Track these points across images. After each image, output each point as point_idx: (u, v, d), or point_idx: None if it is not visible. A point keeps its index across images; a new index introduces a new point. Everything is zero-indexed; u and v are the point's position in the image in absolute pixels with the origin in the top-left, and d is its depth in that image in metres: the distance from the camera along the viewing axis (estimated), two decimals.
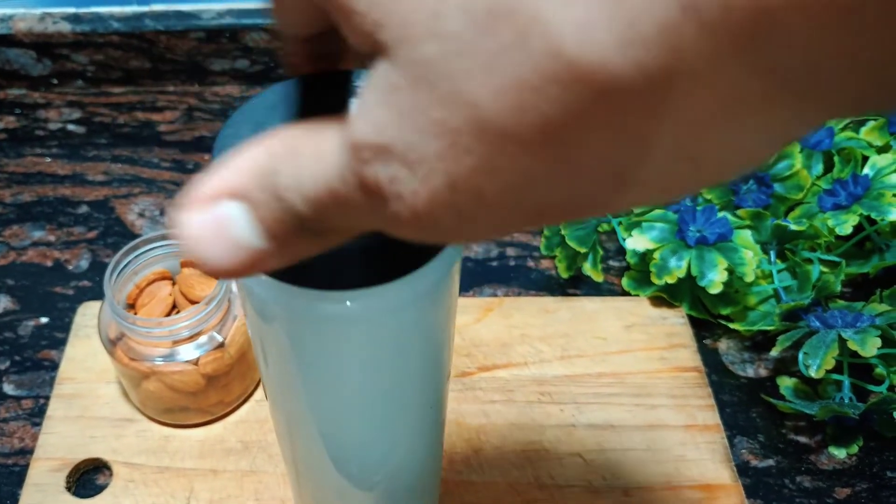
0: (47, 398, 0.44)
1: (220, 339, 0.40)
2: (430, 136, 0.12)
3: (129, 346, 0.40)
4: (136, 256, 0.41)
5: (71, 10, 0.58)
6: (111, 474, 0.42)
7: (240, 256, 0.15)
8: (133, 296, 0.42)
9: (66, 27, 0.57)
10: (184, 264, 0.43)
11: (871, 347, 0.42)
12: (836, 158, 0.52)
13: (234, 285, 0.42)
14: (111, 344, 0.40)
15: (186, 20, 0.58)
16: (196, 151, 0.57)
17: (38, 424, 0.43)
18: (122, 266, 0.40)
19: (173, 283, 0.43)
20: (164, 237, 0.42)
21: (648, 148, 0.12)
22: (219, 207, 0.15)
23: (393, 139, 0.13)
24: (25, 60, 0.59)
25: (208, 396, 0.42)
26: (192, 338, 0.40)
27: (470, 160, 0.12)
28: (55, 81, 0.60)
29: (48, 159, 0.56)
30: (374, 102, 0.13)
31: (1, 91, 0.60)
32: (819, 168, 0.52)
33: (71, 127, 0.58)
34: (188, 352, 0.40)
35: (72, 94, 0.60)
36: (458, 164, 0.13)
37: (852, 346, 0.42)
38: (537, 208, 0.13)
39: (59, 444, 0.42)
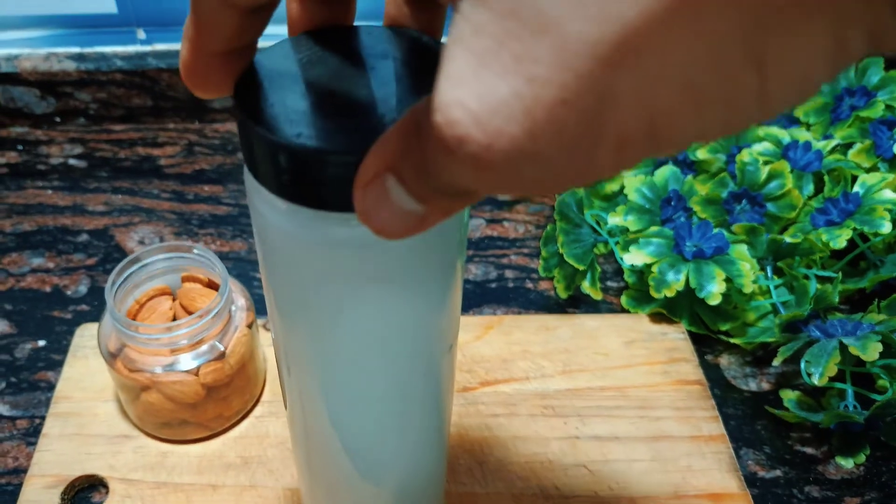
0: (43, 418, 0.44)
1: (221, 347, 0.40)
2: (509, 75, 0.13)
3: (129, 357, 0.40)
4: (136, 269, 0.41)
5: (76, 49, 0.59)
6: (107, 492, 0.41)
7: (403, 220, 0.17)
8: (133, 311, 0.42)
9: (70, 65, 0.59)
10: (184, 279, 0.43)
11: (872, 352, 0.42)
12: (826, 178, 0.53)
13: (235, 296, 0.42)
14: (111, 357, 0.40)
15: None
16: (196, 183, 0.58)
17: (33, 444, 0.43)
18: (123, 278, 0.40)
19: (173, 299, 0.43)
20: (164, 250, 0.42)
21: (721, 51, 0.12)
22: (380, 182, 0.17)
23: (466, 92, 0.13)
24: (29, 98, 0.60)
25: (207, 409, 0.41)
26: (192, 346, 0.39)
27: (549, 91, 0.13)
28: (58, 119, 0.61)
29: (49, 191, 0.57)
30: (452, 56, 0.13)
31: (4, 129, 0.61)
32: (810, 188, 0.53)
33: (72, 161, 0.59)
34: (188, 361, 0.39)
35: (74, 131, 0.61)
36: (537, 101, 0.13)
37: (854, 351, 0.42)
38: (618, 138, 0.13)
39: (54, 461, 0.41)
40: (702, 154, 0.54)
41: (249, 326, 0.42)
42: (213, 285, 0.43)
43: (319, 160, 0.19)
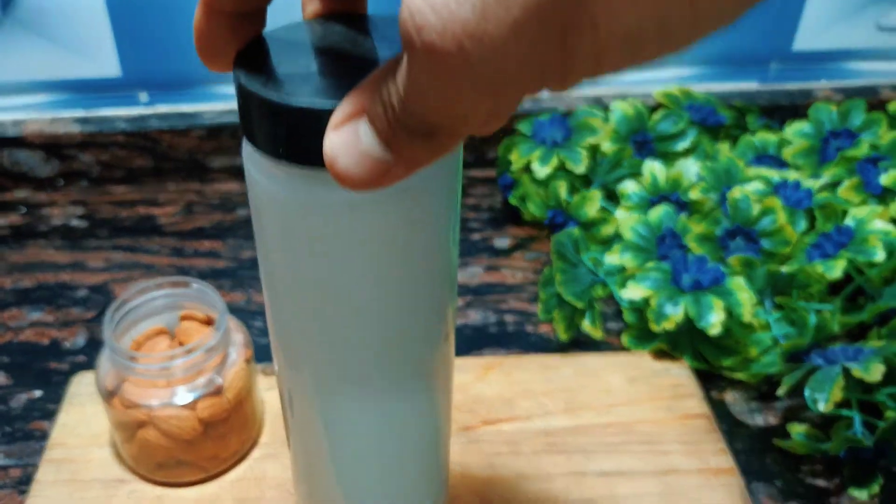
0: (36, 466, 0.43)
1: (219, 380, 0.40)
2: None
3: (126, 394, 0.39)
4: (135, 306, 0.41)
5: (80, 113, 0.61)
6: None
7: (368, 166, 0.18)
8: None
9: (74, 128, 0.60)
10: (183, 318, 0.43)
11: (875, 372, 0.42)
12: (817, 214, 0.53)
13: (233, 333, 0.42)
14: (109, 395, 0.40)
15: (189, 119, 0.61)
16: (195, 239, 0.58)
17: (25, 492, 0.41)
18: (122, 312, 0.40)
19: (171, 339, 0.43)
20: (162, 286, 0.42)
21: None
22: (350, 126, 0.18)
23: None
24: (34, 162, 0.61)
25: (204, 447, 0.40)
26: (189, 378, 0.39)
27: None
28: (61, 182, 0.62)
29: (50, 250, 0.57)
30: None
31: (8, 192, 0.62)
32: (803, 224, 0.54)
33: (74, 222, 0.60)
34: (185, 395, 0.39)
35: (76, 193, 0.62)
36: None
37: (857, 374, 0.42)
38: (562, 26, 0.14)
39: None
40: (694, 195, 0.55)
41: (247, 362, 0.41)
42: (210, 322, 0.43)
43: (307, 115, 0.19)
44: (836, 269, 0.49)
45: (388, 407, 0.29)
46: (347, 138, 0.18)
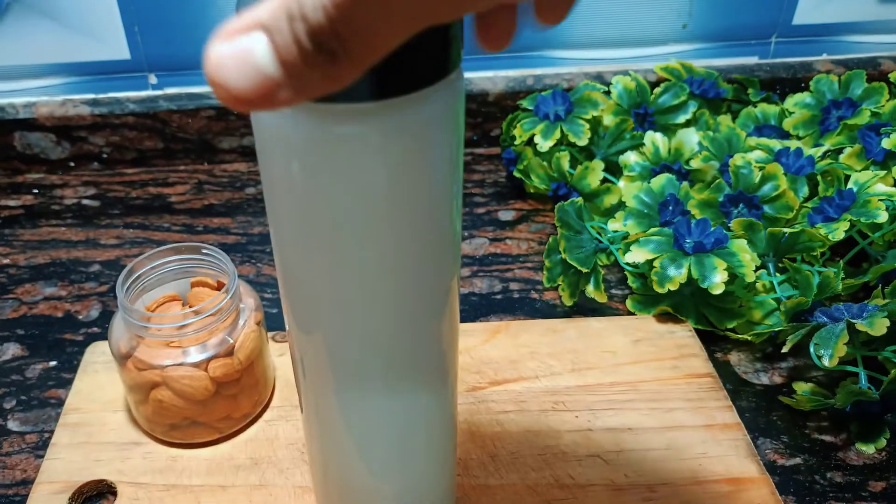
0: (52, 432, 0.43)
1: (230, 340, 0.40)
2: None
3: (140, 357, 0.40)
4: (147, 270, 0.42)
5: (90, 95, 0.62)
6: (115, 498, 0.40)
7: (256, 82, 0.17)
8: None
9: (85, 110, 0.61)
10: (194, 284, 0.44)
11: (880, 327, 0.42)
12: (819, 180, 0.54)
13: (244, 297, 0.43)
14: (122, 358, 0.40)
15: (197, 100, 0.62)
16: (205, 216, 0.59)
17: (42, 457, 0.42)
18: (134, 276, 0.41)
19: (183, 305, 0.44)
20: (174, 252, 0.43)
21: None
22: (245, 38, 0.17)
23: None
24: (46, 144, 0.62)
25: (217, 407, 0.41)
26: (201, 338, 0.40)
27: None
28: (72, 164, 0.63)
29: (63, 228, 0.58)
30: None
31: (20, 175, 0.63)
32: (804, 190, 0.54)
33: (86, 202, 0.61)
34: (197, 356, 0.40)
35: (87, 175, 0.63)
36: None
37: (861, 327, 0.43)
38: None
39: (62, 468, 0.41)
40: (695, 164, 0.56)
41: (258, 325, 0.42)
42: (221, 287, 0.44)
43: None
44: (838, 231, 0.49)
45: (397, 364, 0.29)
46: (239, 50, 0.17)
